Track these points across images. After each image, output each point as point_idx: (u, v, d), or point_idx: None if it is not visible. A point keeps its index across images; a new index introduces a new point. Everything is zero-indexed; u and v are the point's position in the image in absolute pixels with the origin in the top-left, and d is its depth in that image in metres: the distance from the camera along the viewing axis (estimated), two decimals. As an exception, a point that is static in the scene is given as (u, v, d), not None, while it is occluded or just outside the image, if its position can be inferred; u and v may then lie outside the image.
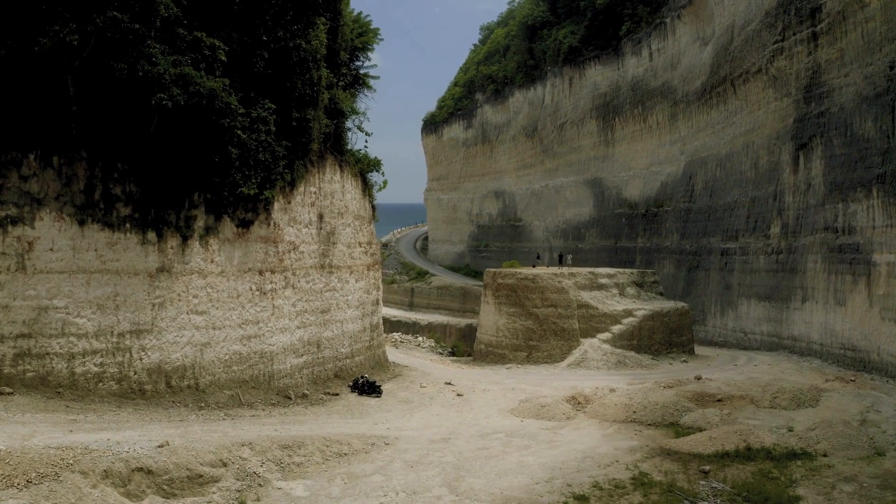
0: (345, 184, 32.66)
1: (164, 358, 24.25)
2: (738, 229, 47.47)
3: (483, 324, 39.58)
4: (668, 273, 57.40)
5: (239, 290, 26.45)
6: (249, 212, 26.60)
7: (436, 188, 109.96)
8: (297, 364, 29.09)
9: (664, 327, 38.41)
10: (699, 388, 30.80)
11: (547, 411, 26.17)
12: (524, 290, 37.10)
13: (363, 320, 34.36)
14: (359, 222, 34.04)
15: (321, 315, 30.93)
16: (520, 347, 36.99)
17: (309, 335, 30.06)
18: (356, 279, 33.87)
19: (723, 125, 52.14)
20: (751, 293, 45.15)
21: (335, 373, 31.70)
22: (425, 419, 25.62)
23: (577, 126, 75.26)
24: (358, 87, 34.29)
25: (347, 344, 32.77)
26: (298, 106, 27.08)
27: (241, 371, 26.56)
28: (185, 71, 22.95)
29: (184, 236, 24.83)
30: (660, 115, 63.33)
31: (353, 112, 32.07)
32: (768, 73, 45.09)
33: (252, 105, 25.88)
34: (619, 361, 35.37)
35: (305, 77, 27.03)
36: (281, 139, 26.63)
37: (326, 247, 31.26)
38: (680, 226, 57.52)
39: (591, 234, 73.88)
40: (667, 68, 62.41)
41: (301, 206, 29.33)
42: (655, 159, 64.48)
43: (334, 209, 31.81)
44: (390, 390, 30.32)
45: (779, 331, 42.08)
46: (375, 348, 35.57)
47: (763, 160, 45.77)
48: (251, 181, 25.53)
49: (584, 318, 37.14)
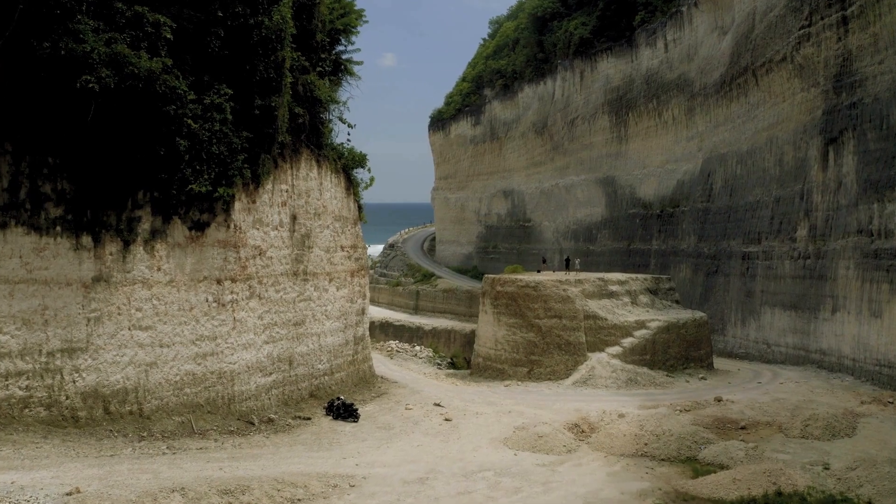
0: (323, 181, 29.39)
1: (102, 380, 21.49)
2: (761, 231, 43.75)
3: (481, 335, 36.13)
4: (684, 278, 53.69)
5: (192, 302, 23.30)
6: (204, 212, 23.41)
7: (443, 187, 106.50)
8: (263, 384, 25.89)
9: (680, 340, 34.79)
10: (720, 411, 27.33)
11: (545, 442, 22.77)
12: (525, 298, 33.58)
13: (345, 333, 31.07)
14: (340, 224, 30.76)
15: (294, 328, 27.70)
16: (520, 362, 33.51)
17: (279, 351, 26.86)
18: (337, 287, 30.60)
19: (744, 119, 48.43)
20: (775, 301, 41.44)
21: (311, 392, 28.47)
22: (403, 451, 22.33)
23: (589, 122, 71.64)
24: (340, 74, 31.00)
25: (326, 359, 29.53)
26: (262, 92, 23.82)
27: (194, 394, 23.46)
28: (118, 50, 19.79)
29: (125, 241, 21.92)
30: (676, 109, 59.63)
31: (331, 101, 28.76)
32: (794, 62, 41.46)
33: (206, 91, 22.66)
34: (631, 379, 31.82)
35: (269, 59, 23.75)
36: (240, 129, 23.40)
37: (301, 251, 28.02)
38: (697, 227, 53.76)
39: (602, 236, 70.18)
40: (683, 59, 58.71)
41: (269, 205, 26.09)
42: (671, 156, 60.75)
43: (310, 209, 28.55)
44: (370, 413, 27.02)
45: (806, 343, 38.41)
46: (360, 363, 32.28)
47: (788, 156, 42.12)
48: (203, 177, 22.34)
49: (591, 330, 33.59)
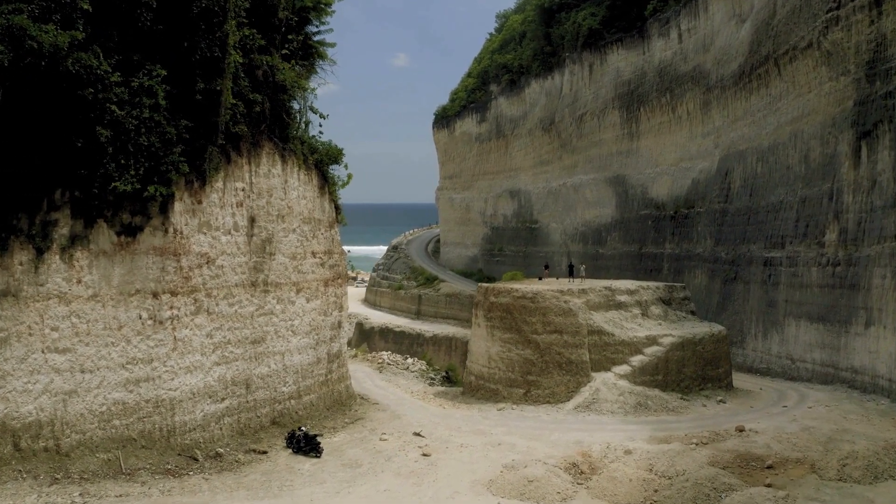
0: (289, 178, 25.93)
1: (10, 412, 18.53)
2: (785, 235, 39.89)
3: (474, 350, 32.55)
4: (699, 285, 49.83)
5: (121, 320, 19.94)
6: (136, 215, 20.03)
7: (448, 187, 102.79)
8: (213, 412, 22.49)
9: (697, 358, 31.02)
10: (742, 445, 23.63)
11: (536, 488, 19.19)
12: (521, 311, 29.95)
13: (316, 350, 27.60)
14: (310, 227, 27.29)
15: (252, 346, 24.27)
16: (516, 383, 29.87)
17: (233, 373, 23.44)
18: (307, 298, 27.13)
19: (764, 112, 44.55)
20: (800, 312, 37.56)
21: (273, 419, 25.04)
22: (367, 499, 18.78)
23: (598, 118, 67.82)
24: (312, 59, 27.54)
25: (291, 381, 26.08)
26: (205, 74, 20.35)
27: (125, 426, 20.16)
28: (16, 21, 16.40)
29: (38, 248, 18.70)
30: (690, 103, 55.75)
31: (298, 87, 25.28)
32: (821, 49, 37.61)
33: (135, 72, 19.26)
34: (640, 403, 28.13)
35: (214, 35, 20.28)
36: (178, 117, 19.98)
37: (261, 259, 24.57)
38: (714, 230, 49.88)
39: (612, 239, 66.31)
40: (698, 50, 54.83)
41: (219, 206, 22.65)
42: (686, 154, 56.85)
43: (272, 210, 25.09)
44: (338, 445, 23.51)
45: (835, 360, 34.56)
46: (334, 383, 28.79)
47: (815, 152, 38.26)
48: (129, 173, 18.91)
49: (596, 346, 29.91)
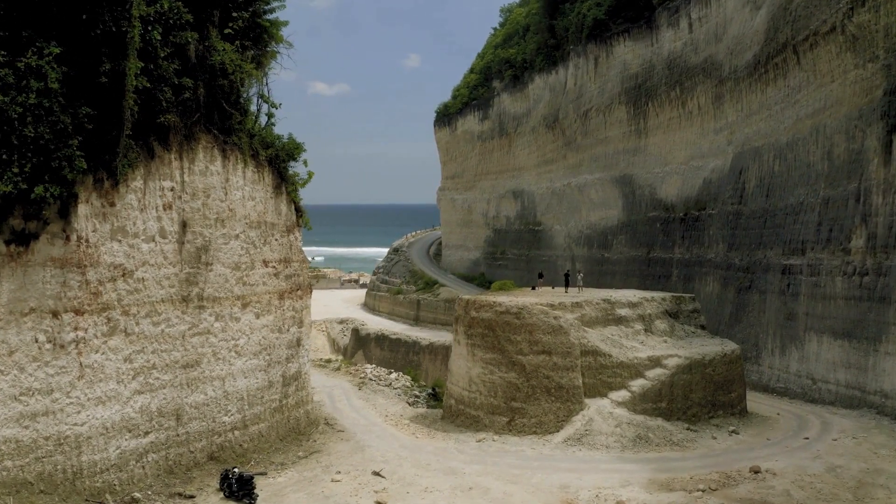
0: (232, 176, 22.58)
1: None
2: (806, 240, 36.15)
3: (454, 371, 29.06)
4: (711, 293, 46.11)
5: (12, 344, 16.70)
6: (30, 220, 16.74)
7: (449, 187, 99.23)
8: (133, 449, 19.22)
9: (706, 382, 27.36)
10: (758, 492, 20.08)
11: (504, 553, 15.67)
12: (505, 328, 26.43)
13: (268, 372, 24.24)
14: (260, 232, 23.95)
15: (183, 371, 20.95)
16: (498, 409, 26.37)
17: (160, 403, 20.15)
18: (257, 314, 23.79)
19: (782, 105, 40.80)
20: (823, 327, 33.82)
21: (211, 454, 21.73)
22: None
23: (604, 114, 64.12)
24: (263, 42, 24.17)
25: (235, 409, 22.75)
26: (112, 53, 17.01)
27: (19, 468, 16.96)
28: None
29: None
30: (702, 97, 51.99)
31: (242, 72, 21.91)
32: (845, 33, 33.90)
33: (23, 51, 15.97)
34: (640, 436, 24.55)
35: (122, 6, 16.93)
36: (78, 105, 16.66)
37: (194, 270, 21.24)
38: (727, 234, 46.14)
39: (618, 242, 62.58)
40: (710, 40, 51.08)
41: (138, 209, 19.34)
42: (697, 151, 53.10)
43: (210, 213, 21.75)
44: (280, 488, 20.14)
45: (862, 382, 30.86)
46: (291, 409, 25.41)
47: (839, 148, 34.53)
48: (11, 171, 15.60)
49: (591, 369, 26.36)
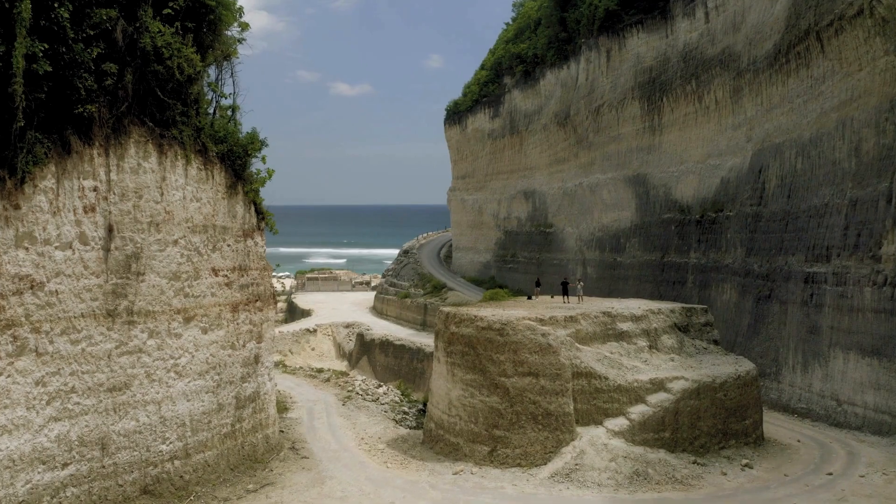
0: (170, 175, 19.95)
1: None
2: (832, 246, 32.79)
3: (434, 391, 26.21)
4: (727, 301, 42.76)
5: None
6: None
7: (460, 188, 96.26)
8: (48, 483, 16.73)
9: (717, 408, 24.23)
10: (771, 550, 16.99)
11: None
12: (487, 346, 23.52)
13: (217, 394, 21.58)
14: (207, 237, 21.30)
15: (109, 395, 18.39)
16: (479, 437, 23.47)
17: (81, 431, 17.63)
18: (205, 328, 21.14)
19: (805, 98, 37.43)
20: (849, 343, 30.48)
21: (144, 487, 19.16)
22: None
23: (616, 109, 60.86)
24: (213, 27, 21.49)
25: (175, 436, 20.11)
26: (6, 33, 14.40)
27: None
28: None
29: None
30: (719, 91, 48.63)
31: (180, 57, 19.23)
32: (874, 15, 30.59)
33: None
34: (638, 472, 21.50)
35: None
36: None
37: (123, 280, 18.65)
38: (746, 237, 42.75)
39: (631, 246, 59.28)
40: (728, 30, 47.71)
41: (51, 212, 16.81)
42: (714, 149, 49.73)
43: (143, 217, 19.15)
44: (214, 540, 17.41)
45: (893, 406, 27.58)
46: (246, 434, 22.72)
47: (868, 144, 31.18)
48: None
49: (584, 393, 23.35)
